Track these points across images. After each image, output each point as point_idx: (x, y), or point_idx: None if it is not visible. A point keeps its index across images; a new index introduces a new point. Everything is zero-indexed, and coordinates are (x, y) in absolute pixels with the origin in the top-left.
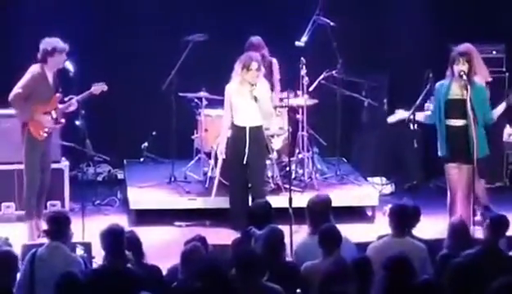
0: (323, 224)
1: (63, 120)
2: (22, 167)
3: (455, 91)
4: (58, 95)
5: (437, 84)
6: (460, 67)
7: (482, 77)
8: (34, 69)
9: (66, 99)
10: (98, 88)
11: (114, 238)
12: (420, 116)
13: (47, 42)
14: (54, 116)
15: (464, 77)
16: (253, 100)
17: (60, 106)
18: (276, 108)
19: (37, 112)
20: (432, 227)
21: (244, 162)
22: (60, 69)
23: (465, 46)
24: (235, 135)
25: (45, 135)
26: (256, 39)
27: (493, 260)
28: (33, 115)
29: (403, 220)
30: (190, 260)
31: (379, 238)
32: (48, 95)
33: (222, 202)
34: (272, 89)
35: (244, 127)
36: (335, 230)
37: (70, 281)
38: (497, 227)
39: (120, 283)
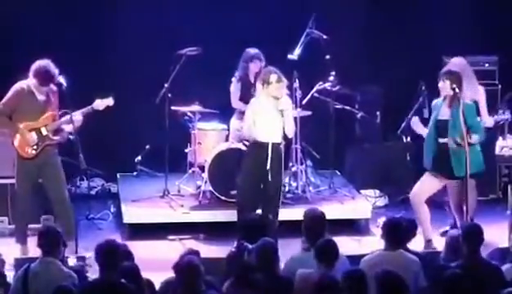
0: (319, 239)
1: (56, 137)
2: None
3: (444, 112)
4: (52, 112)
5: (433, 103)
6: (440, 85)
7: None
8: (19, 84)
9: (60, 112)
10: (102, 104)
11: (108, 253)
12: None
13: (48, 65)
14: (44, 133)
15: (457, 92)
16: (279, 114)
17: (54, 123)
18: None
19: (23, 128)
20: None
21: (269, 179)
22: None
23: (452, 65)
24: (255, 152)
25: (32, 152)
26: (254, 51)
27: (476, 272)
28: (15, 131)
29: (396, 233)
30: (185, 275)
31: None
32: (36, 112)
33: (216, 216)
34: None
35: (267, 143)
36: (333, 245)
37: None
38: (471, 237)
39: None
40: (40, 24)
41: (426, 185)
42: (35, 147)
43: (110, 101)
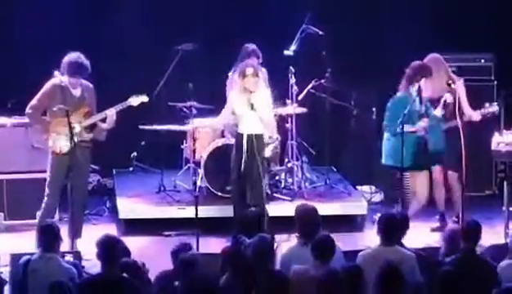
0: (315, 234)
1: (90, 134)
2: (12, 176)
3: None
4: (86, 108)
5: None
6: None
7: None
8: (53, 80)
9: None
10: (137, 100)
11: (109, 248)
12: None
13: (79, 58)
14: (77, 129)
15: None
16: (249, 107)
17: (88, 120)
18: None
19: (56, 124)
20: (421, 236)
21: (242, 170)
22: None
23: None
24: (236, 142)
25: (65, 149)
26: (250, 46)
27: (471, 267)
28: (48, 127)
29: (392, 228)
30: (188, 269)
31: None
32: (70, 108)
33: (212, 212)
34: None
35: (243, 134)
36: (331, 240)
37: (60, 290)
38: (471, 233)
39: (114, 292)
40: (37, 21)
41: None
42: (68, 144)
43: (144, 98)
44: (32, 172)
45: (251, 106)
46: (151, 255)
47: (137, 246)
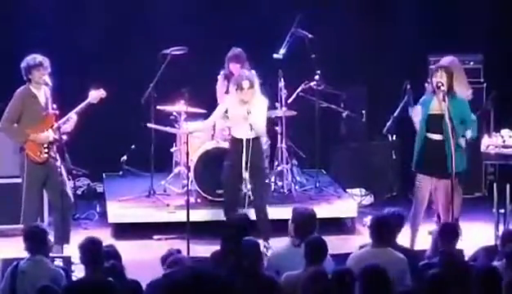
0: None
1: (64, 137)
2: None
3: (436, 106)
4: (53, 112)
5: (421, 100)
6: (438, 79)
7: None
8: (20, 90)
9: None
10: (96, 96)
11: (91, 251)
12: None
13: (24, 61)
14: (52, 134)
15: (443, 88)
16: (247, 115)
17: (57, 123)
18: None
19: (32, 132)
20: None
21: (244, 174)
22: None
23: (447, 60)
24: (232, 147)
25: (45, 155)
26: (238, 51)
27: (451, 269)
28: (27, 137)
29: (384, 230)
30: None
31: (361, 247)
32: (41, 114)
33: (202, 215)
34: None
35: (242, 139)
36: (323, 242)
37: None
38: (446, 235)
39: None
40: (27, 21)
41: (423, 191)
42: (46, 150)
43: (101, 93)
44: (20, 177)
45: (247, 113)
46: (141, 259)
47: (127, 250)
